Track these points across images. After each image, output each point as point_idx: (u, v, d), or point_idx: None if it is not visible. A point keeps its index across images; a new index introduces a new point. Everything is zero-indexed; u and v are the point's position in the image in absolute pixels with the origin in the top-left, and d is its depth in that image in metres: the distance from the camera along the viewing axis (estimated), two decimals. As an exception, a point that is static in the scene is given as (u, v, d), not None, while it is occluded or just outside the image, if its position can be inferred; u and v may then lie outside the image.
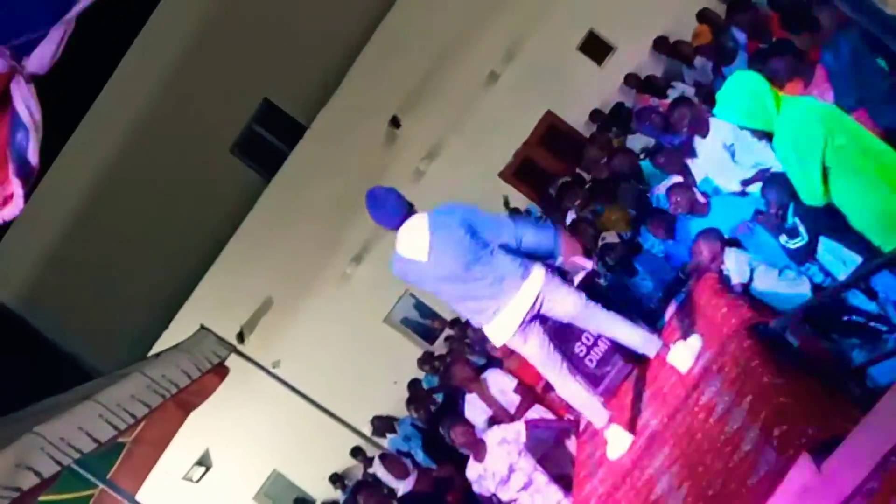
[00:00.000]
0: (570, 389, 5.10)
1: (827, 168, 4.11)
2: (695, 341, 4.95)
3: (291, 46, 13.68)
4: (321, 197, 13.10)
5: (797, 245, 5.14)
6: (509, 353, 6.88)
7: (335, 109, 13.46)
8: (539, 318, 5.01)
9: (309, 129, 13.76)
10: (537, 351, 5.06)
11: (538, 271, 4.90)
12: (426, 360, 11.73)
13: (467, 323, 9.42)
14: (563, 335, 5.85)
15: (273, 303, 13.57)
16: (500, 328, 4.96)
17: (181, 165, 14.05)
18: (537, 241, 4.94)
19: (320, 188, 13.03)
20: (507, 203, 12.54)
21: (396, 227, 4.96)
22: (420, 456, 9.60)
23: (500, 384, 7.41)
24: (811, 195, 4.27)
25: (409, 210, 4.97)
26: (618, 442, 4.97)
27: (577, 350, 6.05)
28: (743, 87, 4.43)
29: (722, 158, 5.81)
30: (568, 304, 4.96)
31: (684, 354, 4.91)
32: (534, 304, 4.86)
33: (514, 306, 4.86)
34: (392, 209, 4.96)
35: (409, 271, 5.03)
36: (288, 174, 13.75)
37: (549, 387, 6.56)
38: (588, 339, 6.04)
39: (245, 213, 13.98)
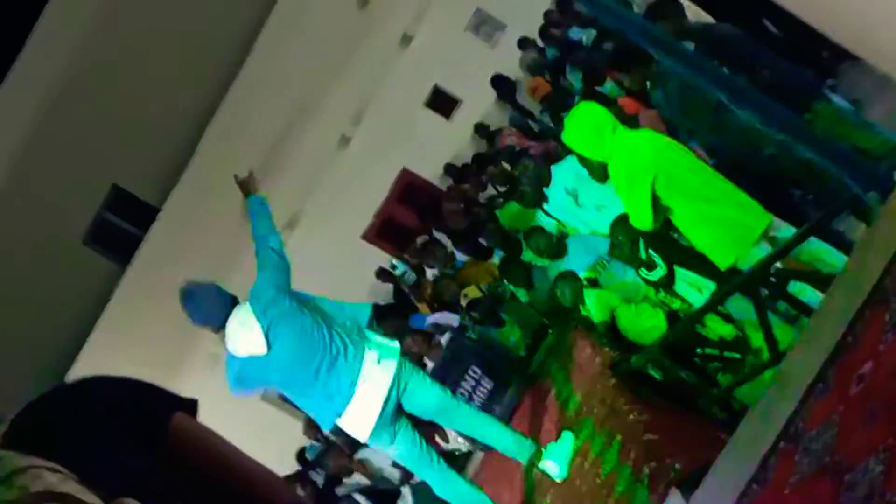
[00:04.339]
0: (453, 488, 4.79)
1: (657, 196, 4.25)
2: (566, 442, 4.53)
3: (135, 129, 13.32)
4: (183, 278, 12.70)
5: (658, 276, 5.25)
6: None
7: (187, 188, 13.17)
8: (403, 413, 4.68)
9: (161, 211, 13.42)
10: (409, 449, 4.72)
11: (387, 343, 4.64)
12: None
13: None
14: (448, 372, 5.81)
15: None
16: (357, 419, 4.58)
17: (32, 264, 13.42)
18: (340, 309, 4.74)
19: (180, 269, 12.62)
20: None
21: (221, 323, 4.54)
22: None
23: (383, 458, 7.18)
24: (640, 220, 4.43)
25: (233, 303, 4.56)
26: None
27: (465, 386, 5.95)
28: (585, 117, 4.58)
29: (567, 203, 5.94)
30: (431, 396, 4.65)
31: (556, 465, 4.45)
32: (390, 393, 4.52)
33: (365, 390, 4.50)
34: (211, 306, 4.56)
35: (248, 372, 4.56)
36: (145, 259, 13.34)
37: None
38: (475, 373, 5.96)
39: (105, 304, 13.48)
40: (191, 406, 1.71)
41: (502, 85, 11.58)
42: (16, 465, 1.23)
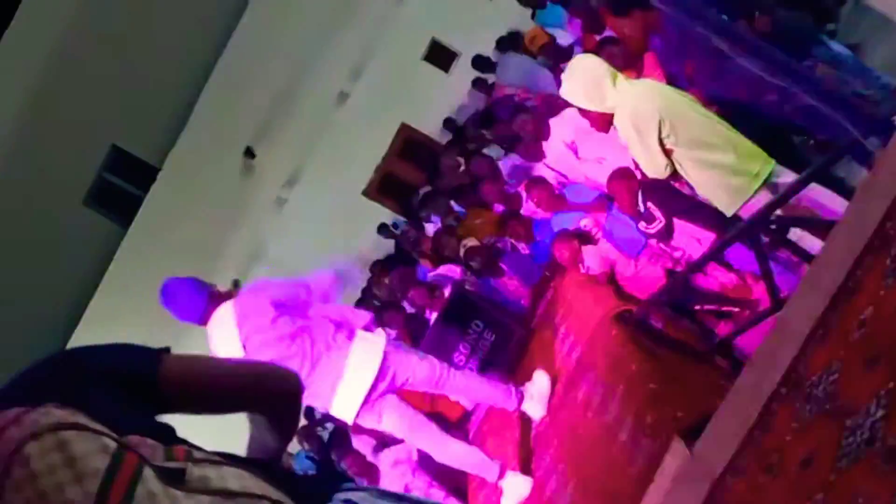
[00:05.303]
0: (450, 451, 4.81)
1: (665, 142, 4.24)
2: (542, 381, 4.81)
3: (133, 89, 13.26)
4: (184, 237, 12.74)
5: (656, 228, 5.24)
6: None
7: (186, 147, 13.16)
8: (390, 392, 4.70)
9: (161, 171, 13.39)
10: (399, 424, 4.74)
11: (374, 339, 4.67)
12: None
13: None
14: (449, 328, 5.84)
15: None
16: (341, 410, 4.63)
17: (34, 225, 13.42)
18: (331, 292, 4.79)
19: (182, 228, 12.68)
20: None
21: (201, 321, 4.47)
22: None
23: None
24: (654, 168, 4.40)
25: (211, 298, 4.48)
26: (516, 488, 4.57)
27: (467, 341, 5.96)
28: (583, 69, 4.53)
29: (566, 156, 5.89)
30: (421, 371, 4.69)
31: (536, 404, 4.74)
32: (381, 377, 4.57)
33: (352, 378, 4.54)
34: (190, 304, 4.45)
35: None
36: (146, 219, 13.35)
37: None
38: (477, 327, 5.96)
39: (107, 264, 13.52)
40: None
41: (482, 65, 11.48)
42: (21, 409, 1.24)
